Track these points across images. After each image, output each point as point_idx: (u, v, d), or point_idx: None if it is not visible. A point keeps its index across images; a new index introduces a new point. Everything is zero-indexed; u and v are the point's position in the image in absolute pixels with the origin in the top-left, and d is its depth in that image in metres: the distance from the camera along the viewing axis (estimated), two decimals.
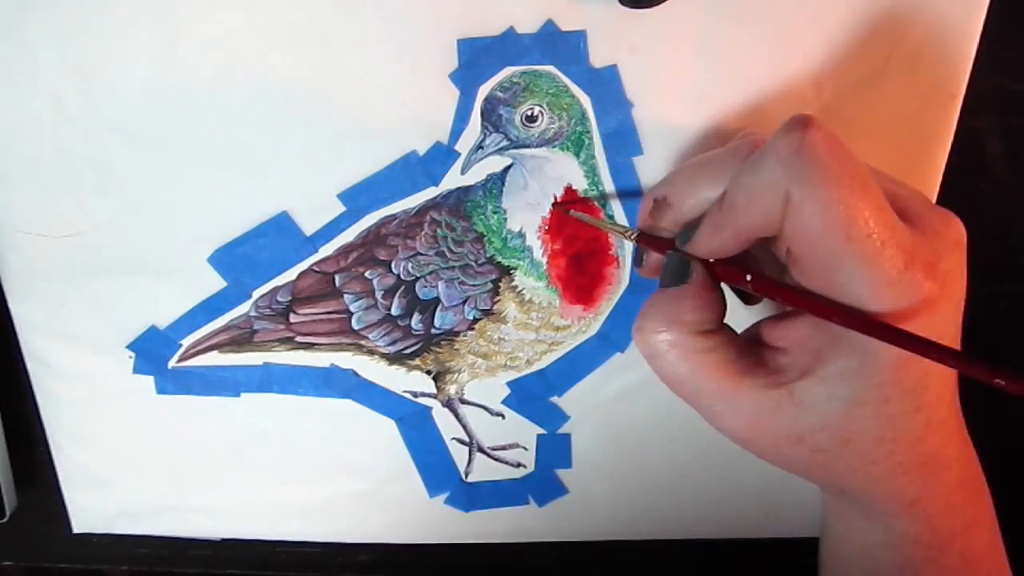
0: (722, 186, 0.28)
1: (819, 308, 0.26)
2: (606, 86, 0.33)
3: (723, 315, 0.29)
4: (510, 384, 0.40)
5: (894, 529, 0.29)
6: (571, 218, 0.36)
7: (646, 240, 0.32)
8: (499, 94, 0.34)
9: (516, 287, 0.37)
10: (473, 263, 0.37)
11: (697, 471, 0.41)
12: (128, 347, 0.39)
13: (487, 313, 0.38)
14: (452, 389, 0.40)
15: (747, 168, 0.26)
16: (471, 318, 0.38)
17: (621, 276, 0.37)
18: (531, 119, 0.34)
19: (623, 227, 0.35)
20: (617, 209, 0.36)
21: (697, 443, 0.41)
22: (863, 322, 0.25)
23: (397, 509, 0.43)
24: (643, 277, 0.33)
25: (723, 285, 0.29)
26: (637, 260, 0.33)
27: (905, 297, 0.24)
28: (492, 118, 0.34)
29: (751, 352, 0.29)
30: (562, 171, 0.35)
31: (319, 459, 0.42)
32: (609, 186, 0.35)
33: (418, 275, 0.37)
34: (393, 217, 0.36)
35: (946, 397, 0.28)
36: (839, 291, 0.25)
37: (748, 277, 0.28)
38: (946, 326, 0.26)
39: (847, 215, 0.24)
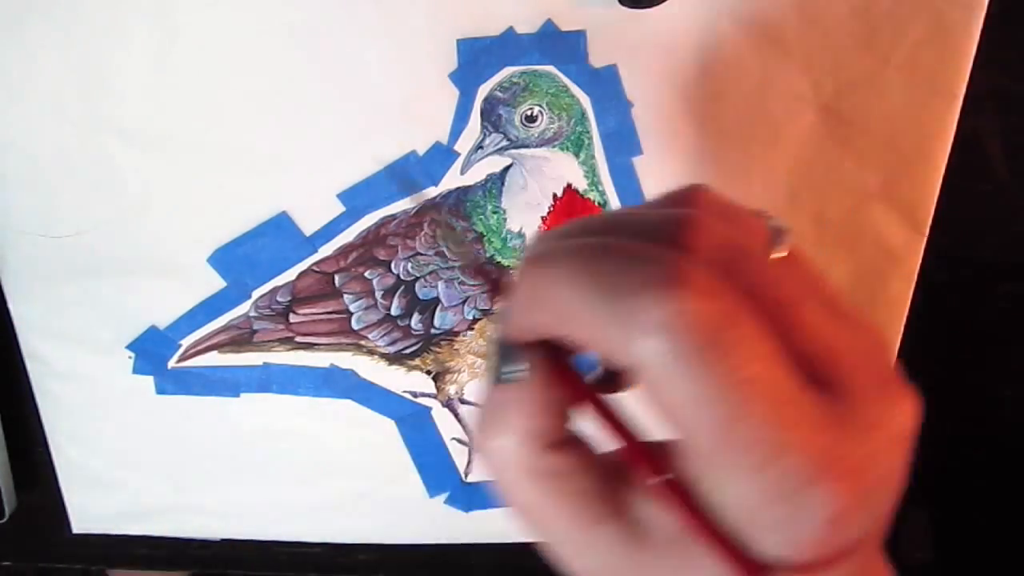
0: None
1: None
2: (606, 86, 0.33)
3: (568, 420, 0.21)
4: None
5: None
6: (571, 217, 0.36)
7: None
8: (499, 94, 0.34)
9: None
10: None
11: None
12: (128, 347, 0.39)
13: (487, 313, 0.38)
14: (452, 389, 0.40)
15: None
16: (471, 318, 0.38)
17: None
18: (531, 119, 0.34)
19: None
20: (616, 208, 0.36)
21: None
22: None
23: (397, 509, 0.43)
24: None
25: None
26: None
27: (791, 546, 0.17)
28: (492, 118, 0.34)
29: (615, 485, 0.21)
30: (562, 171, 0.35)
31: (319, 459, 0.42)
32: (609, 186, 0.35)
33: (418, 275, 0.37)
34: (393, 217, 0.36)
35: None
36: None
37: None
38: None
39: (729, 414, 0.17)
